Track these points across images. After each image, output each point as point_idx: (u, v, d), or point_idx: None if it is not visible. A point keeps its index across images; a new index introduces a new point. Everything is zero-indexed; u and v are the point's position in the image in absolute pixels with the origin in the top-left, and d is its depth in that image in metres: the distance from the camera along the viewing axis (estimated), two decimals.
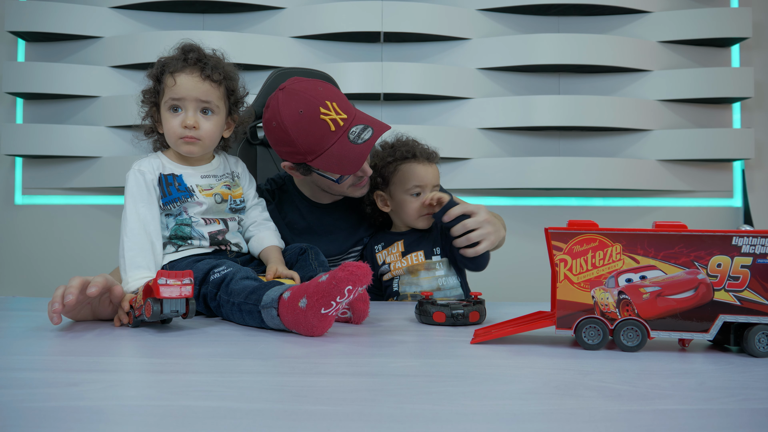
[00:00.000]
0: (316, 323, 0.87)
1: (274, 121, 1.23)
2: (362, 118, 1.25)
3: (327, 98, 1.22)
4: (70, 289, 0.91)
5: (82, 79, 2.54)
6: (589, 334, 0.80)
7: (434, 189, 1.36)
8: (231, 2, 2.54)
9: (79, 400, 0.57)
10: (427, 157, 1.37)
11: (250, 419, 0.52)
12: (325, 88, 1.25)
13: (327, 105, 1.21)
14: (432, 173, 1.36)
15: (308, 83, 1.25)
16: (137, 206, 1.11)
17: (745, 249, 0.77)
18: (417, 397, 0.59)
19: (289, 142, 1.22)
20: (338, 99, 1.24)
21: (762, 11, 2.66)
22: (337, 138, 1.21)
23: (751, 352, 0.77)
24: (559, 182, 2.50)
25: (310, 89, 1.23)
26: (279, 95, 1.23)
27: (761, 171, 2.67)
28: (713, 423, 0.52)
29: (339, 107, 1.22)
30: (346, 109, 1.24)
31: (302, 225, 1.40)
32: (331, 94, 1.24)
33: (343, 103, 1.24)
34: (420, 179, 1.35)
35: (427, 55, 2.61)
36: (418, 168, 1.36)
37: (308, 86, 1.24)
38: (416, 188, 1.35)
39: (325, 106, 1.20)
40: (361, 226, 1.44)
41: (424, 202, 1.34)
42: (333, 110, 1.21)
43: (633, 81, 2.59)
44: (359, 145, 1.21)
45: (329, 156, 1.21)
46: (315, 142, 1.21)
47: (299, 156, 1.24)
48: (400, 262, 1.36)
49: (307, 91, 1.22)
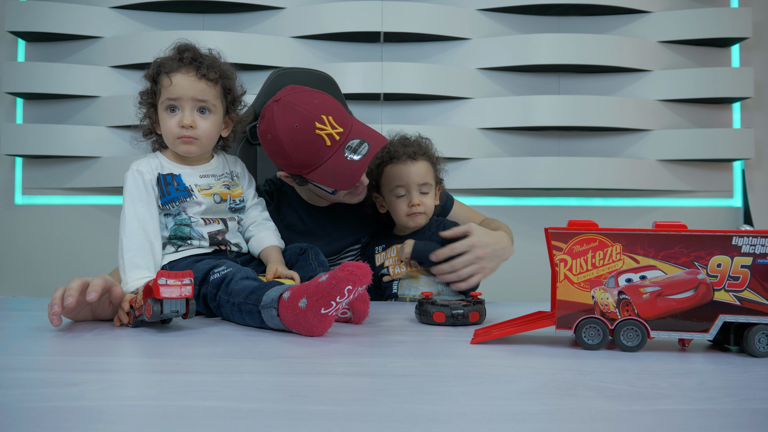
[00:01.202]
0: (316, 323, 0.87)
1: (269, 134, 1.22)
2: (359, 131, 1.23)
3: (323, 112, 1.20)
4: (69, 292, 0.91)
5: (82, 79, 2.54)
6: (589, 334, 0.80)
7: (420, 187, 1.35)
8: (231, 2, 2.54)
9: (79, 400, 0.57)
10: (410, 156, 1.36)
11: (250, 419, 0.52)
12: (321, 100, 1.23)
13: (323, 119, 1.19)
14: (414, 171, 1.35)
15: (304, 95, 1.23)
16: (136, 206, 1.11)
17: (745, 249, 0.77)
18: (417, 397, 0.59)
19: (284, 155, 1.22)
20: (335, 111, 1.22)
21: (762, 11, 2.66)
22: (332, 153, 1.20)
23: (751, 352, 0.77)
24: (559, 182, 2.50)
25: (305, 102, 1.21)
26: (274, 107, 1.21)
27: (761, 171, 2.67)
28: (713, 423, 0.52)
29: (335, 121, 1.20)
30: (343, 122, 1.22)
31: (301, 228, 1.39)
32: (328, 107, 1.22)
33: (340, 116, 1.22)
34: (400, 179, 1.35)
35: (427, 55, 2.61)
36: (399, 168, 1.36)
37: (304, 99, 1.21)
38: (398, 188, 1.35)
39: (320, 121, 1.19)
40: (360, 228, 1.44)
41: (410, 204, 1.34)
42: (329, 124, 1.19)
43: (633, 81, 2.59)
44: (355, 162, 1.19)
45: (325, 170, 1.20)
46: (310, 157, 1.20)
47: (295, 168, 1.24)
48: (399, 267, 1.35)
49: (302, 105, 1.20)
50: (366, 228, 1.44)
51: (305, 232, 1.39)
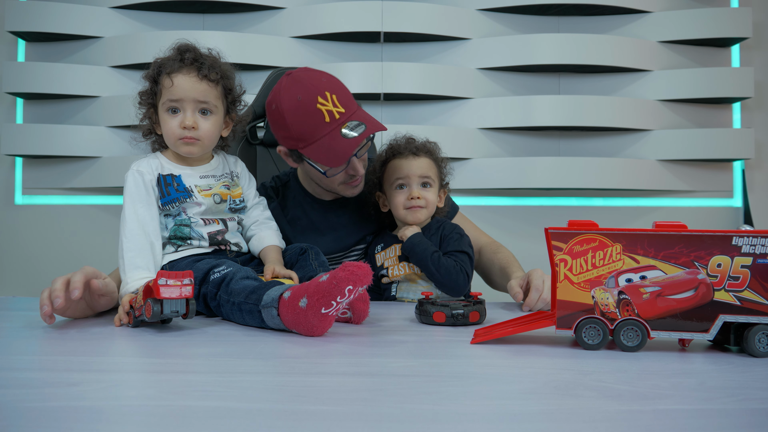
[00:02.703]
0: (317, 323, 0.87)
1: (274, 104, 1.25)
2: (360, 116, 1.26)
3: (327, 89, 1.23)
4: (55, 293, 0.91)
5: (82, 79, 2.54)
6: (589, 334, 0.80)
7: (420, 179, 1.35)
8: (231, 2, 2.54)
9: (79, 400, 0.57)
10: (413, 151, 1.37)
11: (250, 419, 0.52)
12: (329, 80, 1.27)
13: (326, 96, 1.22)
14: (416, 165, 1.35)
15: (315, 73, 1.27)
16: (136, 207, 1.11)
17: (745, 249, 0.77)
18: (417, 397, 0.59)
19: (284, 126, 1.24)
20: (340, 92, 1.25)
21: (762, 11, 2.66)
22: (330, 130, 1.22)
23: (751, 352, 0.77)
24: (559, 182, 2.50)
25: (313, 78, 1.25)
26: (284, 80, 1.26)
27: (761, 171, 2.66)
28: (713, 423, 0.52)
29: (338, 100, 1.23)
30: (346, 104, 1.24)
31: (305, 222, 1.39)
32: (334, 87, 1.25)
33: (345, 98, 1.25)
34: (401, 172, 1.35)
35: (427, 55, 2.61)
36: (401, 162, 1.36)
37: (313, 75, 1.26)
38: (398, 181, 1.35)
39: (323, 96, 1.22)
40: (366, 225, 1.44)
41: (408, 197, 1.33)
42: (330, 102, 1.22)
43: (633, 81, 2.59)
44: (348, 140, 1.22)
45: (319, 146, 1.22)
46: (308, 131, 1.22)
47: (292, 141, 1.26)
48: (398, 269, 1.35)
49: (309, 80, 1.24)
50: (370, 226, 1.44)
51: (309, 226, 1.39)
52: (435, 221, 1.38)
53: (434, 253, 1.28)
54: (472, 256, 1.34)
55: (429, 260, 1.27)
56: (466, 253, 1.31)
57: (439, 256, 1.27)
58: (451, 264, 1.27)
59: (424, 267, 1.28)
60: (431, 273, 1.28)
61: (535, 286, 1.18)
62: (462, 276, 1.27)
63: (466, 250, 1.32)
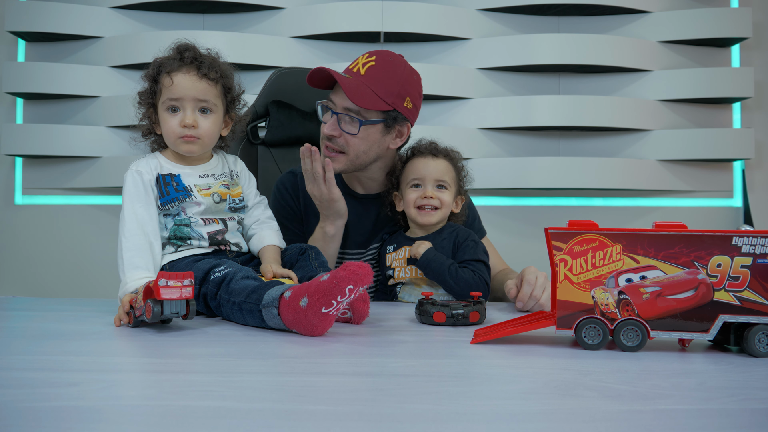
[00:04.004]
0: (317, 322, 0.87)
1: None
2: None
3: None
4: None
5: (82, 79, 2.53)
6: (589, 334, 0.80)
7: (436, 182, 1.35)
8: (231, 2, 2.54)
9: (79, 400, 0.57)
10: (432, 153, 1.38)
11: (250, 419, 0.52)
12: None
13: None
14: (433, 166, 1.35)
15: None
16: (135, 207, 1.11)
17: (745, 249, 0.77)
18: (417, 397, 0.59)
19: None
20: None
21: (762, 11, 2.66)
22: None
23: (751, 352, 0.77)
24: (559, 182, 2.50)
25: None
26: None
27: (761, 171, 2.66)
28: (713, 423, 0.52)
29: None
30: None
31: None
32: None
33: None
34: (418, 171, 1.35)
35: (427, 55, 2.60)
36: (418, 162, 1.37)
37: None
38: (414, 180, 1.35)
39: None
40: (386, 225, 1.44)
41: (420, 196, 1.33)
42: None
43: (633, 81, 2.59)
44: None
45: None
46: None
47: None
48: (404, 271, 1.34)
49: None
50: (390, 226, 1.45)
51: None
52: (448, 225, 1.37)
53: (451, 266, 1.26)
54: (488, 263, 1.33)
55: (446, 274, 1.25)
56: (482, 262, 1.30)
57: (456, 269, 1.26)
58: (469, 275, 1.26)
59: (442, 282, 1.26)
60: (450, 287, 1.26)
61: (527, 280, 1.18)
62: (482, 285, 1.26)
63: (482, 258, 1.31)
